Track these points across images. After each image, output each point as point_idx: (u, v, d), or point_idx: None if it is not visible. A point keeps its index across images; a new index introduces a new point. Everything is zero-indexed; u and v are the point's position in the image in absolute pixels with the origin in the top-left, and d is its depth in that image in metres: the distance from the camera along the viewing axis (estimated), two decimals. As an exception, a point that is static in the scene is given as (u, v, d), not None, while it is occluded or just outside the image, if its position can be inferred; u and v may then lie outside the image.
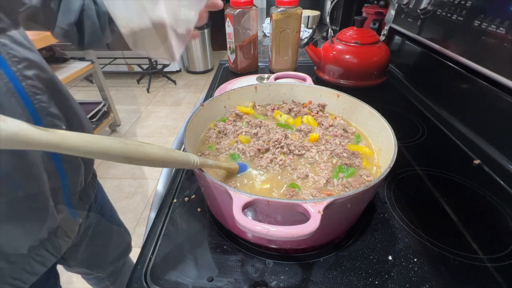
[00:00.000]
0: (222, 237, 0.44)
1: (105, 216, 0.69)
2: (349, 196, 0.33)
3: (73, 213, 0.49)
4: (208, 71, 3.53)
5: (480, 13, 0.59)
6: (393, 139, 0.42)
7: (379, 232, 0.44)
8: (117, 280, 0.82)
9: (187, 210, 0.49)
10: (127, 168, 1.96)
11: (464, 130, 0.67)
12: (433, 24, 0.75)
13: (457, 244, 0.42)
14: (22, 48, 0.37)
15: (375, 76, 0.87)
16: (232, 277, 0.38)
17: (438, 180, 0.54)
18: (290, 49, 0.96)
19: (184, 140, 0.41)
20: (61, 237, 0.47)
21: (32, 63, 0.38)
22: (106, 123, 2.16)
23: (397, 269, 0.38)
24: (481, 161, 0.58)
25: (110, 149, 0.23)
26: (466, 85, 0.67)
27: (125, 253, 0.81)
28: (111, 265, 0.76)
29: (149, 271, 0.39)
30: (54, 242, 0.46)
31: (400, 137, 0.44)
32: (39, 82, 0.38)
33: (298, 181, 0.43)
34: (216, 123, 0.55)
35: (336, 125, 0.54)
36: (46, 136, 0.19)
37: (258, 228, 0.29)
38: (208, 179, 0.35)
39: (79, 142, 0.21)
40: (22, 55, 0.36)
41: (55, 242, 0.46)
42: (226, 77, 0.99)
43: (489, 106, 0.61)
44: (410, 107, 0.80)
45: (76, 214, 0.50)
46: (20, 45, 0.36)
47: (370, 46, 0.84)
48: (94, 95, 2.67)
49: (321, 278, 0.38)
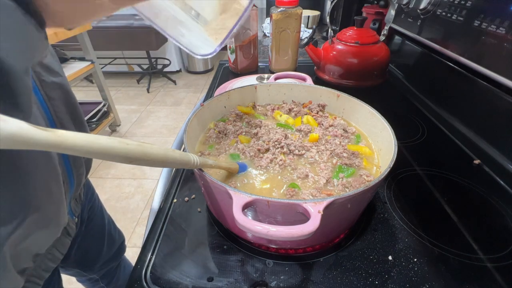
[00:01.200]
0: (222, 237, 0.44)
1: (96, 215, 0.69)
2: (349, 196, 0.33)
3: (71, 213, 0.51)
4: (208, 71, 3.53)
5: (480, 13, 0.59)
6: (393, 139, 0.42)
7: (379, 232, 0.44)
8: (111, 281, 0.81)
9: (187, 210, 0.49)
10: (127, 168, 1.96)
11: (464, 130, 0.67)
12: (433, 24, 0.75)
13: (457, 244, 0.42)
14: (50, 74, 0.41)
15: (375, 76, 0.87)
16: (232, 277, 0.38)
17: (438, 180, 0.54)
18: (290, 49, 0.96)
19: (184, 140, 0.41)
20: (65, 235, 0.50)
21: (56, 86, 0.42)
22: (106, 123, 2.16)
23: (397, 269, 0.38)
24: (481, 161, 0.58)
25: (110, 149, 0.23)
26: (466, 85, 0.67)
27: (119, 253, 0.81)
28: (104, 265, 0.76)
29: (149, 271, 0.39)
30: (61, 240, 0.49)
31: (400, 137, 0.44)
32: (60, 102, 0.42)
33: (298, 181, 0.43)
34: (216, 123, 0.55)
35: (336, 125, 0.54)
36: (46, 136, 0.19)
37: (258, 228, 0.29)
38: (208, 179, 0.35)
39: (79, 142, 0.21)
40: (50, 80, 0.40)
41: (62, 240, 0.49)
42: (226, 77, 0.99)
43: (489, 106, 0.61)
44: (410, 107, 0.80)
45: (73, 214, 0.52)
46: (48, 71, 0.40)
47: (370, 46, 0.84)
48: (94, 95, 2.67)
49: (321, 278, 0.38)
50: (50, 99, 0.40)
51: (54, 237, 0.43)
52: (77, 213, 0.55)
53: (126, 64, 3.34)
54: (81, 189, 0.58)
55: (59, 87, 0.42)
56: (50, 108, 0.40)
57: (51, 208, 0.38)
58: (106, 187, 1.82)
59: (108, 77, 3.17)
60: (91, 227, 0.67)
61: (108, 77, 3.25)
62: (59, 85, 0.42)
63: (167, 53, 3.30)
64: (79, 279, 0.79)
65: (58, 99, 0.42)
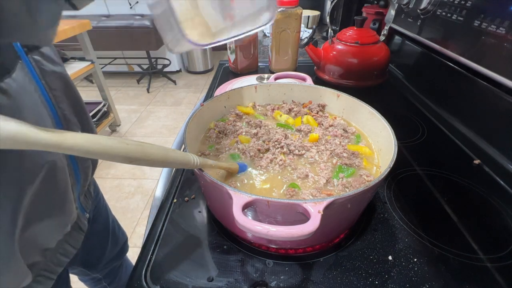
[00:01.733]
0: (222, 237, 0.44)
1: (101, 215, 0.70)
2: (349, 196, 0.33)
3: (82, 208, 0.52)
4: (208, 71, 3.53)
5: (480, 13, 0.59)
6: (393, 139, 0.42)
7: (379, 232, 0.44)
8: (114, 281, 0.82)
9: (187, 210, 0.49)
10: (127, 168, 1.96)
11: (464, 130, 0.67)
12: (433, 24, 0.75)
13: (457, 244, 0.42)
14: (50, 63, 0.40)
15: (375, 76, 0.87)
16: (232, 277, 0.38)
17: (438, 180, 0.54)
18: (290, 49, 0.96)
19: (184, 140, 0.41)
20: (77, 230, 0.51)
21: (57, 75, 0.41)
22: (106, 123, 2.16)
23: (397, 269, 0.38)
24: (481, 161, 0.58)
25: (110, 149, 0.23)
26: (466, 85, 0.67)
27: (122, 252, 0.81)
28: (108, 265, 0.76)
29: (149, 271, 0.39)
30: (73, 235, 0.50)
31: (400, 137, 0.44)
32: (62, 92, 0.42)
33: (298, 181, 0.43)
34: (216, 123, 0.55)
35: (336, 125, 0.54)
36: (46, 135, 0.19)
37: (258, 228, 0.29)
38: (208, 179, 0.35)
39: (79, 142, 0.21)
40: (50, 68, 0.40)
41: (74, 235, 0.50)
42: (226, 77, 0.99)
43: (489, 106, 0.61)
44: (410, 107, 0.80)
45: (84, 209, 0.53)
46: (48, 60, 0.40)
47: (370, 46, 0.84)
48: (94, 95, 2.66)
49: (321, 278, 0.38)
50: (52, 89, 0.40)
51: (62, 231, 0.44)
52: (88, 209, 0.56)
53: (126, 64, 3.34)
54: (90, 185, 0.59)
55: (60, 77, 0.42)
56: (52, 99, 0.39)
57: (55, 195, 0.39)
58: (106, 187, 1.82)
59: (108, 77, 3.17)
60: (96, 226, 0.67)
61: (108, 77, 3.25)
62: (60, 75, 0.42)
63: (167, 53, 3.30)
64: (82, 278, 0.79)
65: (60, 89, 0.41)
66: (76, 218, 0.48)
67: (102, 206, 0.71)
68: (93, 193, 0.66)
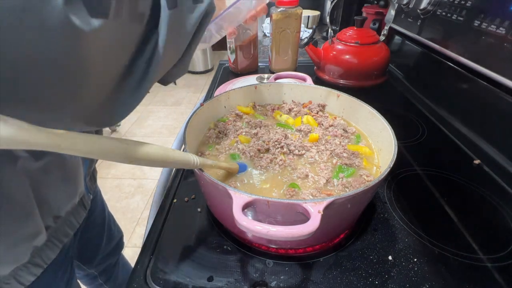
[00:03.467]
0: (222, 237, 0.44)
1: (98, 207, 0.70)
2: (349, 196, 0.33)
3: (87, 189, 0.54)
4: (208, 71, 3.53)
5: (480, 13, 0.59)
6: (393, 139, 0.42)
7: (379, 232, 0.44)
8: (110, 279, 0.82)
9: (187, 210, 0.49)
10: (127, 168, 1.96)
11: (464, 130, 0.67)
12: (433, 24, 0.75)
13: (457, 244, 0.42)
14: None
15: (375, 76, 0.87)
16: (232, 277, 0.38)
17: (438, 180, 0.54)
18: (290, 49, 0.96)
19: (184, 140, 0.42)
20: (81, 207, 0.53)
21: None
22: (106, 123, 2.16)
23: (397, 269, 0.38)
24: (481, 161, 0.58)
25: (110, 149, 0.23)
26: (466, 85, 0.67)
27: (117, 248, 0.82)
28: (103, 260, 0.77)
29: (149, 271, 0.39)
30: (78, 210, 0.52)
31: (400, 137, 0.43)
32: None
33: (298, 181, 0.43)
34: (216, 123, 0.55)
35: (336, 125, 0.54)
36: (46, 136, 0.19)
37: (258, 228, 0.29)
38: (208, 179, 0.35)
39: (79, 141, 0.21)
40: None
41: (79, 210, 0.52)
42: (226, 77, 0.99)
43: (489, 106, 0.61)
44: (410, 107, 0.80)
45: (89, 190, 0.56)
46: None
47: (370, 46, 0.84)
48: (94, 95, 2.66)
49: (321, 278, 0.38)
50: None
51: (71, 201, 0.47)
52: (92, 190, 0.58)
53: (126, 64, 3.34)
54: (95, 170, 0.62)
55: None
56: None
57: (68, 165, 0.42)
58: (106, 187, 1.82)
59: (108, 77, 3.17)
60: (93, 218, 0.68)
61: (108, 77, 3.24)
62: None
63: (167, 53, 3.29)
64: (78, 275, 0.80)
65: None
66: (83, 192, 0.51)
67: (99, 199, 0.73)
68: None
